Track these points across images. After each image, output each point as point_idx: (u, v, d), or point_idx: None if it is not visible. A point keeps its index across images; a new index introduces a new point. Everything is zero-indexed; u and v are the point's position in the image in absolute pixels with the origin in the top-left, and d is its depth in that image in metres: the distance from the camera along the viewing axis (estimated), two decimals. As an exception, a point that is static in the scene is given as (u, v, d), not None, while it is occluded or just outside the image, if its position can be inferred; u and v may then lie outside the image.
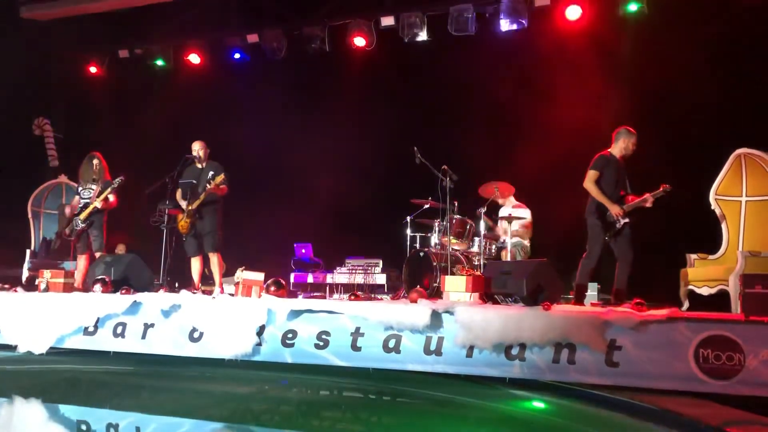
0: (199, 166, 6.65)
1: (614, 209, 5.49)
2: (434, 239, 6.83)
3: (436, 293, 5.97)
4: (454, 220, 6.59)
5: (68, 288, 6.36)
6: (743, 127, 6.76)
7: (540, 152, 7.76)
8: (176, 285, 7.12)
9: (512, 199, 7.21)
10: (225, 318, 5.28)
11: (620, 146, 5.69)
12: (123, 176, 6.76)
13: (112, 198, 6.84)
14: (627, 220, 5.52)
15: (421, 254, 6.58)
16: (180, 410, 4.19)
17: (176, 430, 3.83)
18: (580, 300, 5.60)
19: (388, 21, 8.50)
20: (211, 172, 6.51)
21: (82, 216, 6.79)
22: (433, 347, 4.74)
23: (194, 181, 6.53)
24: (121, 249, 8.81)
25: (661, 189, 5.42)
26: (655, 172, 6.39)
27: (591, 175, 5.61)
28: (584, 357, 4.35)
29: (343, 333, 4.99)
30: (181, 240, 6.62)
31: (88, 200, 6.86)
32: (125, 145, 9.08)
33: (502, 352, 4.54)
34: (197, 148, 6.64)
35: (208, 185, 6.39)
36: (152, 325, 5.52)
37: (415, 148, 6.49)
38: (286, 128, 8.89)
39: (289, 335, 5.13)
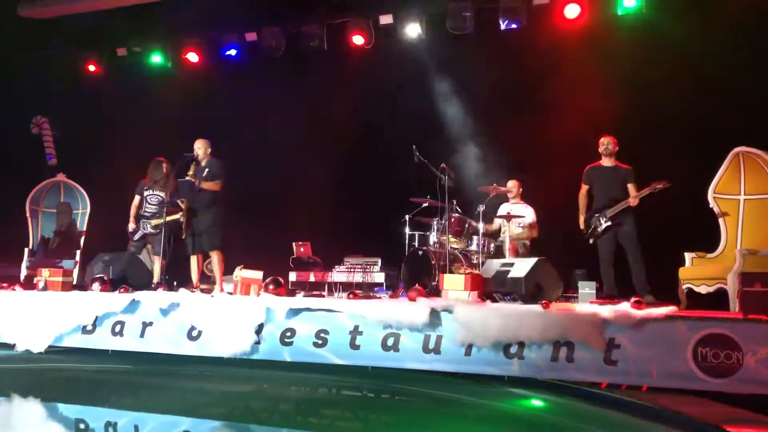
0: (202, 164, 6.67)
1: (579, 220, 6.38)
2: (433, 238, 6.83)
3: (434, 292, 5.97)
4: (452, 219, 6.58)
5: (66, 287, 6.35)
6: (742, 126, 6.75)
7: (539, 150, 7.76)
8: (175, 284, 7.11)
9: (518, 198, 7.31)
10: (223, 316, 5.27)
11: (600, 153, 6.37)
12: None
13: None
14: (609, 223, 6.10)
15: (420, 253, 6.58)
16: (178, 409, 4.18)
17: (175, 428, 3.83)
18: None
19: (386, 19, 8.51)
20: (207, 171, 6.51)
21: (154, 222, 6.93)
22: (431, 345, 4.73)
23: (193, 180, 6.53)
24: None
25: (649, 188, 5.91)
26: (653, 170, 6.41)
27: (581, 188, 6.46)
28: (583, 355, 4.35)
29: (342, 331, 4.98)
30: (181, 238, 6.62)
31: (155, 208, 6.99)
32: (123, 143, 9.08)
33: (501, 351, 4.53)
34: (198, 146, 6.67)
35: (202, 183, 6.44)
36: (151, 324, 5.51)
37: (414, 147, 6.49)
38: (285, 127, 8.88)
39: (288, 334, 5.12)
